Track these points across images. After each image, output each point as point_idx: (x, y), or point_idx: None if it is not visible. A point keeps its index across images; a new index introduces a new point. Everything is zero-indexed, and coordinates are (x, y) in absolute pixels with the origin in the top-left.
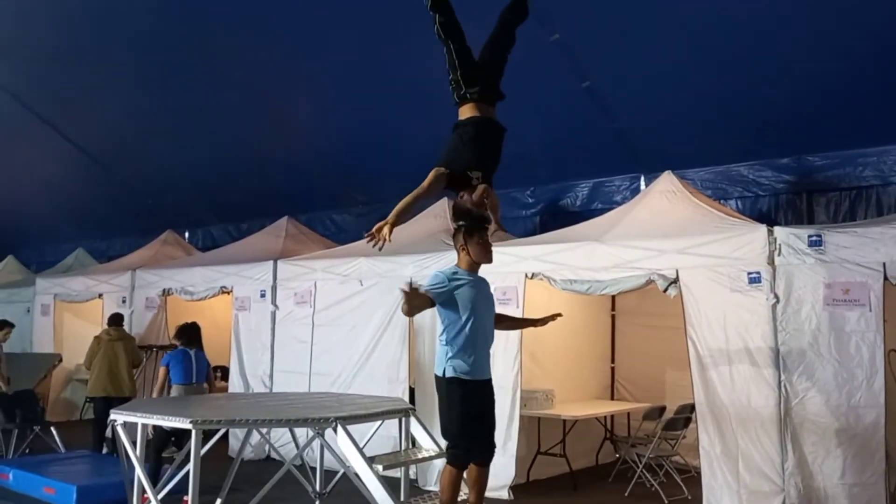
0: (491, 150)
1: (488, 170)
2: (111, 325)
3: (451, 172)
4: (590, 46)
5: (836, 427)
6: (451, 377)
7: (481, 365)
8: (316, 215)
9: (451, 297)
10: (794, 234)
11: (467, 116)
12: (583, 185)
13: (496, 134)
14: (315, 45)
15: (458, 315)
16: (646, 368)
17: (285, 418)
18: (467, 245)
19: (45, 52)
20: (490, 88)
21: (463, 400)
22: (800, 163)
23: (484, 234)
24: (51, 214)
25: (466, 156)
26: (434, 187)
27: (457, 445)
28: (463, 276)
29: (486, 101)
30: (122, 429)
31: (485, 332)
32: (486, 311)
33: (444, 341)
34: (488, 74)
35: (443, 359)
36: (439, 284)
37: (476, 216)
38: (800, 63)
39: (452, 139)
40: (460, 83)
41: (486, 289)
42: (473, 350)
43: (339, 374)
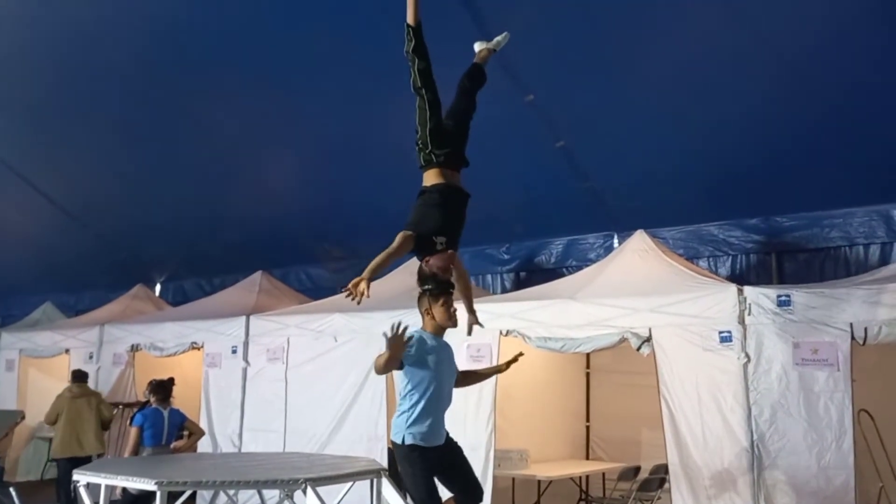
0: (455, 216)
1: (453, 235)
2: (74, 381)
3: (418, 237)
4: (563, 107)
5: (807, 489)
6: (411, 444)
7: (439, 431)
8: (291, 270)
9: (420, 358)
10: (763, 293)
11: (432, 183)
12: (557, 242)
13: (461, 201)
14: (293, 102)
15: (421, 379)
16: (621, 427)
17: (253, 479)
18: (432, 309)
19: (19, 105)
20: (456, 154)
21: (424, 464)
22: (768, 223)
23: (449, 298)
24: (19, 267)
25: (431, 221)
26: (402, 248)
27: None
28: (429, 339)
29: (450, 166)
30: (84, 490)
31: (444, 398)
32: (448, 378)
33: (404, 408)
34: (455, 141)
35: (402, 426)
36: (411, 347)
37: (441, 280)
38: (767, 126)
39: (418, 204)
40: (427, 142)
41: (449, 354)
42: (431, 416)
43: (315, 433)
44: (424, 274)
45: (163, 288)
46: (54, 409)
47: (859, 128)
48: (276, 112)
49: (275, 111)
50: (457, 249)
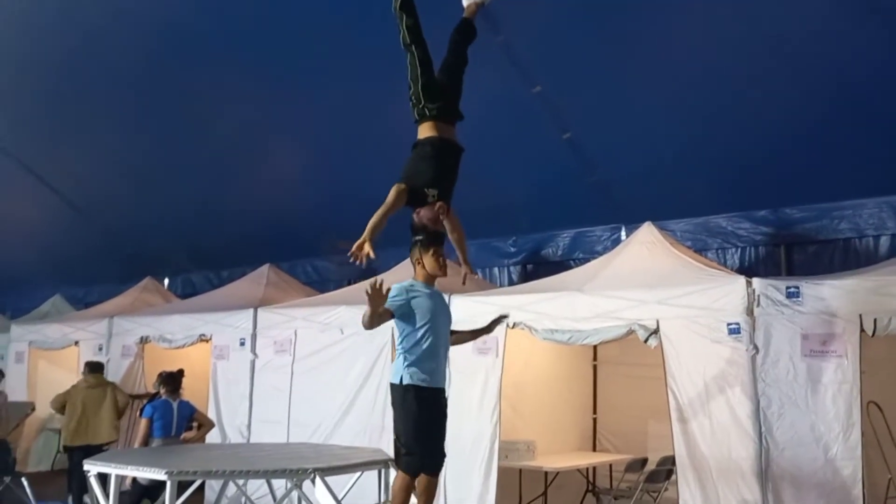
0: (448, 169)
1: (445, 188)
2: (90, 372)
3: (410, 189)
4: (571, 98)
5: (814, 481)
6: (407, 384)
7: (437, 373)
8: (297, 263)
9: (408, 309)
10: (772, 285)
11: (426, 136)
12: (564, 235)
13: (453, 154)
14: (299, 96)
15: (414, 326)
16: (628, 419)
17: (262, 469)
18: (423, 259)
19: (27, 100)
20: (449, 108)
21: (418, 407)
22: (777, 215)
23: (439, 249)
24: (28, 260)
25: (423, 174)
26: (397, 202)
27: (411, 453)
28: (420, 287)
29: (445, 120)
30: (95, 480)
31: (441, 342)
32: (442, 323)
33: (401, 351)
34: (447, 94)
35: (400, 367)
36: (397, 297)
37: (431, 231)
38: (776, 117)
39: (411, 157)
40: (420, 97)
41: (442, 301)
42: (430, 359)
43: (320, 424)
44: (415, 225)
45: (171, 281)
46: (63, 396)
47: (869, 119)
48: (282, 106)
49: (281, 105)
50: (449, 202)
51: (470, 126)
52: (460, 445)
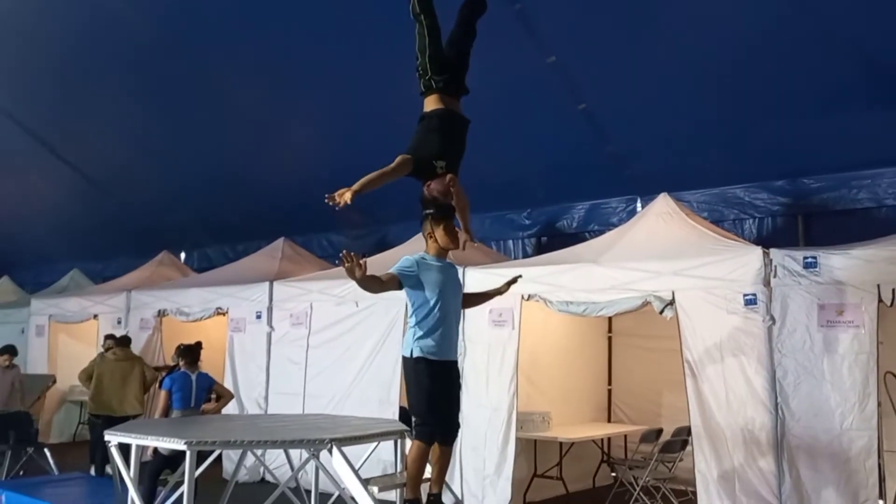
0: (455, 141)
1: (453, 160)
2: (118, 345)
3: (417, 161)
4: (586, 69)
5: (830, 450)
6: (418, 357)
7: (448, 346)
8: (312, 236)
9: (418, 281)
10: (789, 255)
11: (432, 108)
12: (579, 207)
13: (460, 125)
14: (311, 69)
15: (425, 298)
16: (643, 390)
17: (280, 440)
18: (434, 232)
19: (43, 75)
20: (455, 81)
21: (430, 379)
22: (795, 185)
23: (450, 222)
24: (46, 235)
25: (431, 146)
26: (399, 170)
27: (425, 423)
28: (431, 260)
29: (450, 93)
30: (116, 450)
31: (452, 314)
32: (453, 295)
33: (412, 323)
34: (454, 67)
35: (410, 340)
36: (407, 268)
37: (442, 204)
38: (794, 86)
39: (418, 130)
40: (427, 69)
41: (454, 274)
42: (440, 332)
43: (333, 396)
44: (426, 198)
45: (187, 255)
46: (90, 368)
47: (889, 86)
48: (297, 80)
49: (296, 79)
50: (457, 174)
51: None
52: (478, 416)
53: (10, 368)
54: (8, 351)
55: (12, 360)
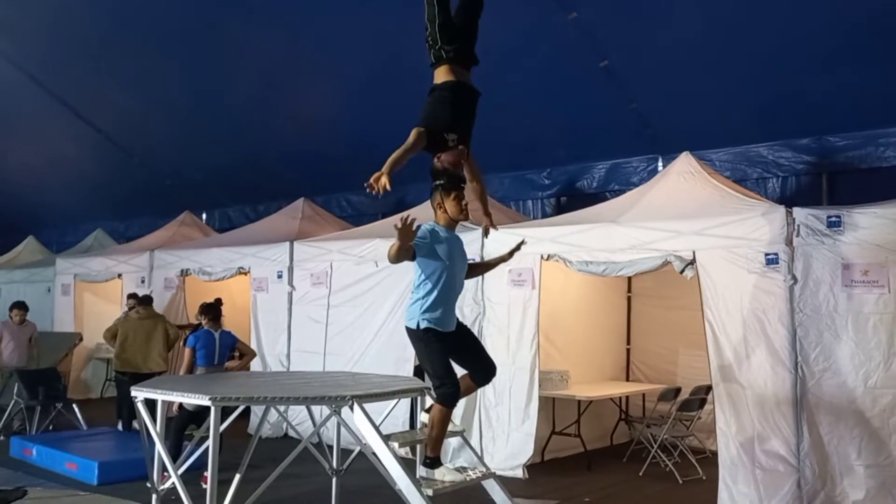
0: (466, 113)
1: (464, 132)
2: (140, 304)
3: (429, 134)
4: (608, 25)
5: (851, 409)
6: (426, 328)
7: (449, 319)
8: (332, 197)
9: (431, 250)
10: (813, 215)
11: (442, 80)
12: (600, 166)
13: (471, 97)
14: (334, 29)
15: (432, 270)
16: (661, 350)
17: (303, 396)
18: (444, 203)
19: (64, 36)
20: (465, 51)
21: (441, 343)
22: (820, 143)
23: (460, 193)
24: (70, 196)
25: (442, 118)
26: (417, 144)
27: (444, 384)
28: (441, 231)
29: (460, 63)
30: (142, 405)
31: (456, 287)
32: (460, 268)
33: (418, 296)
34: (463, 37)
35: (416, 312)
36: (421, 238)
37: (452, 175)
38: (819, 43)
39: (429, 101)
40: (437, 38)
41: (461, 246)
42: (444, 304)
43: (353, 355)
44: (437, 169)
45: (209, 215)
46: (115, 327)
47: None
48: (317, 41)
49: (316, 40)
50: (468, 146)
51: (505, 55)
52: (500, 375)
53: (24, 325)
54: (18, 306)
55: (25, 316)
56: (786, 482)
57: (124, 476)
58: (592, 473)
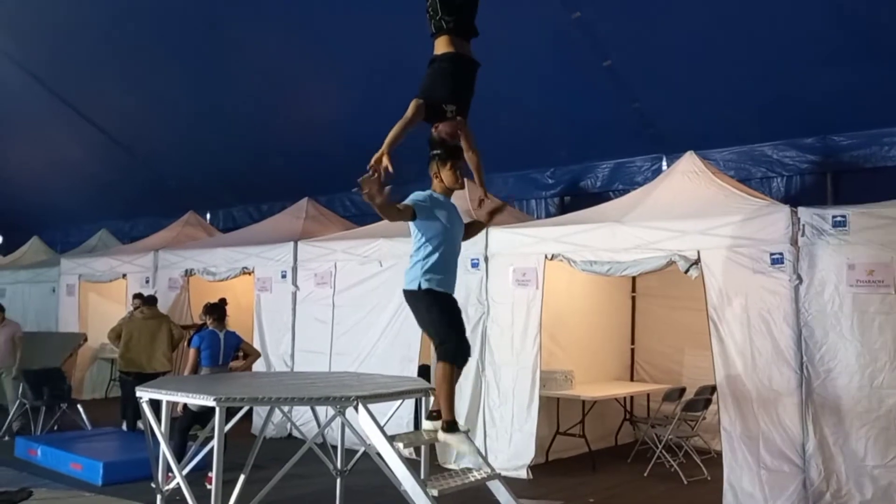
0: (465, 84)
1: (462, 103)
2: (145, 304)
3: (428, 105)
4: (611, 24)
5: (858, 409)
6: (426, 289)
7: (451, 281)
8: (335, 196)
9: (431, 213)
10: (817, 214)
11: (442, 51)
12: (603, 165)
13: (470, 69)
14: (337, 29)
15: (433, 233)
16: (666, 350)
17: (307, 397)
18: (440, 172)
19: (68, 35)
20: (465, 22)
21: (441, 303)
22: (824, 142)
23: (456, 163)
24: (74, 196)
25: (441, 89)
26: (416, 117)
27: (446, 341)
28: (438, 197)
29: (460, 34)
30: (147, 406)
31: (455, 251)
32: (457, 233)
33: (418, 258)
34: (462, 7)
35: (417, 274)
36: (421, 201)
37: (449, 146)
38: (824, 41)
39: (428, 73)
40: (437, 8)
41: (456, 213)
42: (444, 267)
43: (359, 354)
44: (434, 139)
45: (213, 215)
46: (119, 327)
47: None
48: (320, 42)
49: (320, 41)
50: (466, 118)
51: (508, 54)
52: (503, 375)
53: (4, 325)
54: None
55: (4, 316)
56: (791, 483)
57: (129, 476)
58: (597, 474)
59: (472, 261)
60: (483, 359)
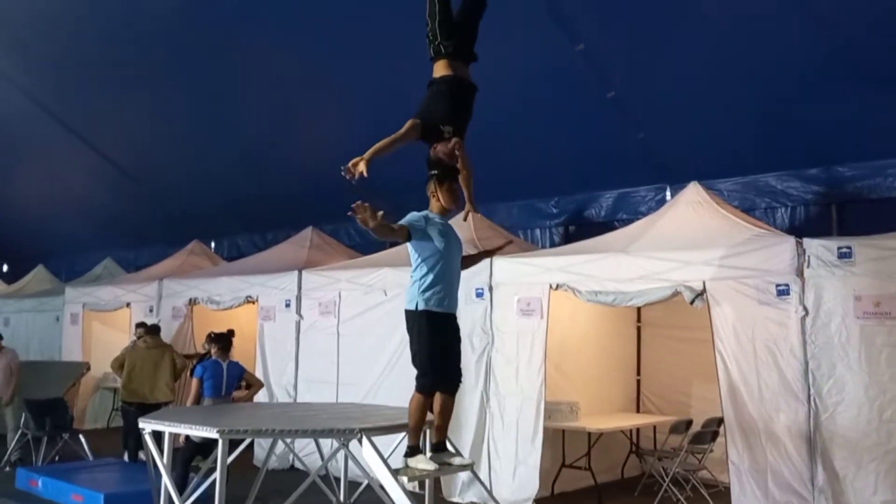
0: (462, 106)
1: (460, 125)
2: (148, 333)
3: (425, 124)
4: (615, 56)
5: (867, 442)
6: (422, 310)
7: (450, 299)
8: (340, 225)
9: (426, 234)
10: (823, 245)
11: (441, 74)
12: (607, 195)
13: (468, 92)
14: (340, 58)
15: (430, 252)
16: (672, 381)
17: (311, 429)
18: (438, 192)
19: (73, 64)
20: (464, 48)
21: (432, 332)
22: (828, 173)
23: (453, 183)
24: (80, 224)
25: (439, 111)
26: (409, 134)
27: (425, 374)
28: (434, 217)
29: (458, 59)
30: (150, 437)
31: (454, 269)
32: (455, 252)
33: (416, 277)
34: (463, 34)
35: (415, 294)
36: (416, 221)
37: (447, 166)
38: (827, 72)
39: (427, 95)
40: (437, 34)
41: (454, 232)
42: (443, 285)
43: (366, 385)
44: (432, 160)
45: (217, 243)
46: (122, 357)
47: None
48: (328, 71)
49: (327, 71)
50: (463, 139)
51: (513, 85)
52: (508, 405)
53: (2, 353)
54: None
55: (1, 345)
56: None
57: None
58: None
59: (476, 290)
60: (487, 389)
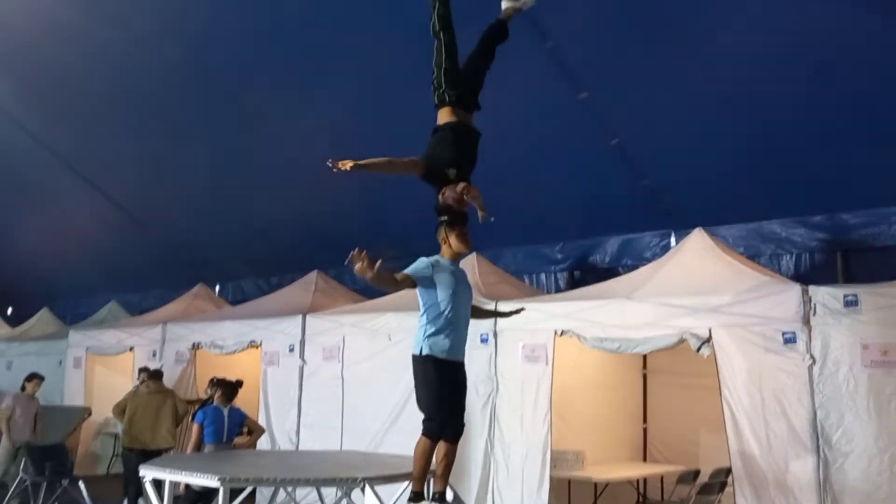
0: (466, 151)
1: (465, 168)
2: (150, 378)
3: (430, 167)
4: (618, 104)
5: (879, 495)
6: (427, 355)
7: (457, 347)
8: (345, 269)
9: (432, 282)
10: (829, 293)
11: (445, 121)
12: (612, 241)
13: (471, 137)
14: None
15: (438, 298)
16: (679, 429)
17: (313, 478)
18: (449, 238)
19: (79, 107)
20: (468, 97)
21: (438, 377)
22: (833, 220)
23: (464, 228)
24: (85, 267)
25: (444, 155)
26: (408, 166)
27: (432, 419)
28: (445, 263)
29: (462, 107)
30: (150, 485)
31: (462, 316)
32: (464, 298)
33: (423, 322)
34: (468, 83)
35: (421, 338)
36: (422, 269)
37: (457, 211)
38: (833, 119)
39: (431, 141)
40: (442, 82)
41: (464, 278)
42: (451, 332)
43: (371, 431)
44: (440, 206)
45: (222, 287)
46: (124, 402)
47: None
48: (330, 116)
49: (329, 116)
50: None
51: (517, 132)
52: (513, 453)
53: (33, 398)
54: (37, 377)
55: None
56: None
57: None
58: None
59: (481, 336)
60: (492, 438)
